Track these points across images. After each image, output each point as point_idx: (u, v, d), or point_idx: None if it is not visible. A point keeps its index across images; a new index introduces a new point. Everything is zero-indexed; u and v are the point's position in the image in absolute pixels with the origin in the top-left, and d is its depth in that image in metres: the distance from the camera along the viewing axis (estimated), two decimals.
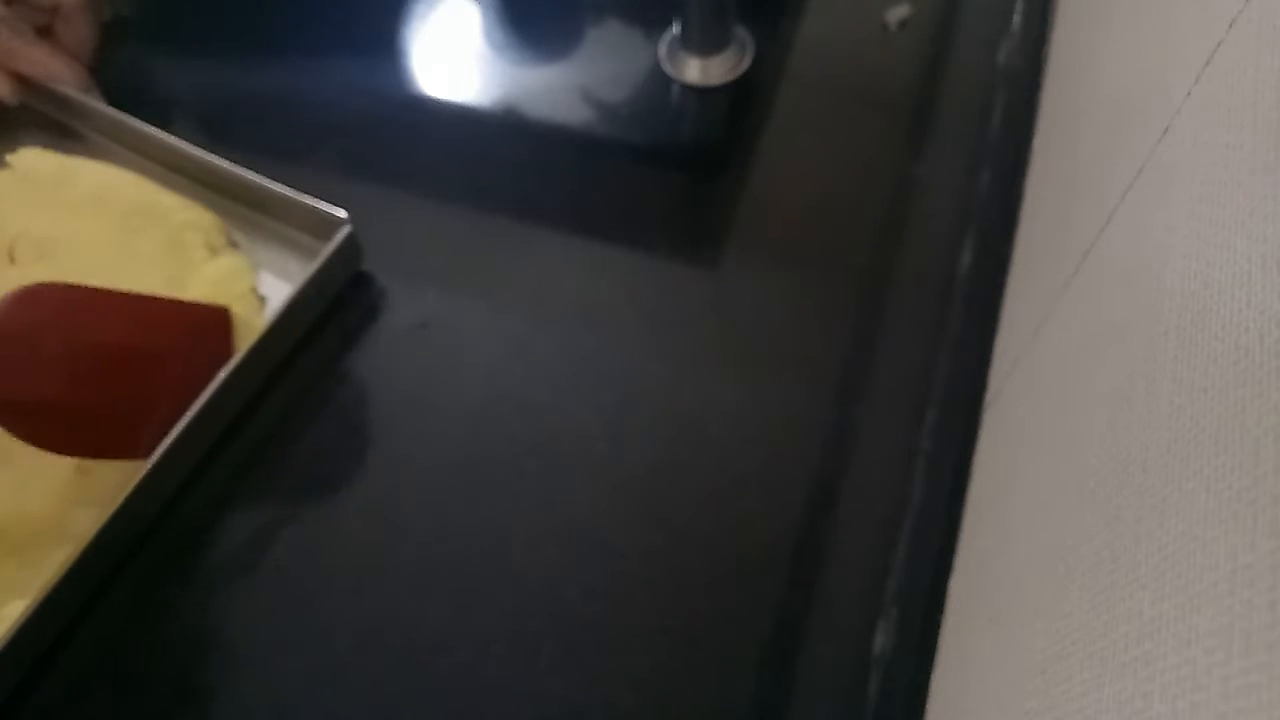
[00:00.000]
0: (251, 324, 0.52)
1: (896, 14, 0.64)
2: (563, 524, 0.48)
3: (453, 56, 0.66)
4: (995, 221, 0.55)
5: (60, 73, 0.57)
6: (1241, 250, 0.24)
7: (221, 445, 0.51)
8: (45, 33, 0.58)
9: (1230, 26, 0.28)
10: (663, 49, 0.64)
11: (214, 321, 0.51)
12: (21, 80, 0.58)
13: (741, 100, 0.62)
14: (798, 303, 0.54)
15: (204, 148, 0.56)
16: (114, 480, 0.47)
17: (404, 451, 0.51)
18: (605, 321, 0.54)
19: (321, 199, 0.54)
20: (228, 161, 0.56)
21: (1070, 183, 0.45)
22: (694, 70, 0.63)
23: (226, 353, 0.50)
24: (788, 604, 0.46)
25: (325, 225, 0.54)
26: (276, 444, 0.51)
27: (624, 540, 0.47)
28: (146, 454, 0.46)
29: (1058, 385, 0.37)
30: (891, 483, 0.48)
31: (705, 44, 0.62)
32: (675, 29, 0.63)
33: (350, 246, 0.54)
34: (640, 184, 0.59)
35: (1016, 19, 0.64)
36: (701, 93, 0.63)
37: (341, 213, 0.53)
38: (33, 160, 0.57)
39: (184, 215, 0.56)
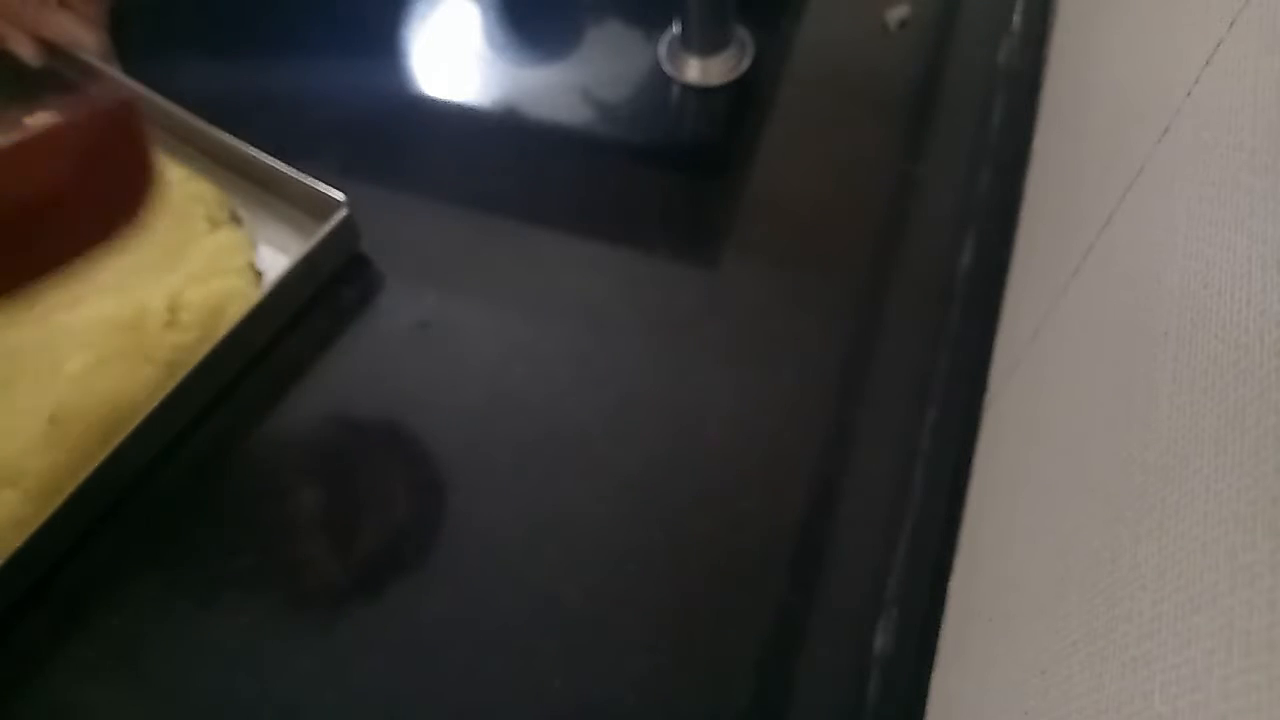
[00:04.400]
0: (248, 297, 0.53)
1: (896, 14, 0.64)
2: (563, 524, 0.48)
3: (453, 56, 0.66)
4: (995, 221, 0.55)
5: (82, 38, 0.60)
6: (1241, 250, 0.24)
7: (206, 415, 0.52)
8: (62, 4, 0.61)
9: (1230, 26, 0.28)
10: (663, 49, 0.64)
11: (110, 126, 0.46)
12: (45, 45, 0.60)
13: (741, 100, 0.62)
14: (798, 303, 0.54)
15: None
16: (81, 428, 0.48)
17: (403, 450, 0.51)
18: (605, 321, 0.54)
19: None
20: (236, 138, 0.57)
21: (1070, 183, 0.45)
22: (694, 70, 0.63)
23: (139, 148, 0.46)
24: (788, 604, 0.46)
25: (324, 206, 0.54)
26: (267, 430, 0.51)
27: (624, 540, 0.47)
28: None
29: (1058, 385, 0.37)
30: (891, 483, 0.48)
31: (705, 44, 0.62)
32: (675, 29, 0.63)
33: (347, 229, 0.55)
34: (640, 184, 0.59)
35: (1016, 19, 0.64)
36: (701, 93, 0.63)
37: (340, 195, 0.54)
38: None
39: (189, 187, 0.57)
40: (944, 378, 0.51)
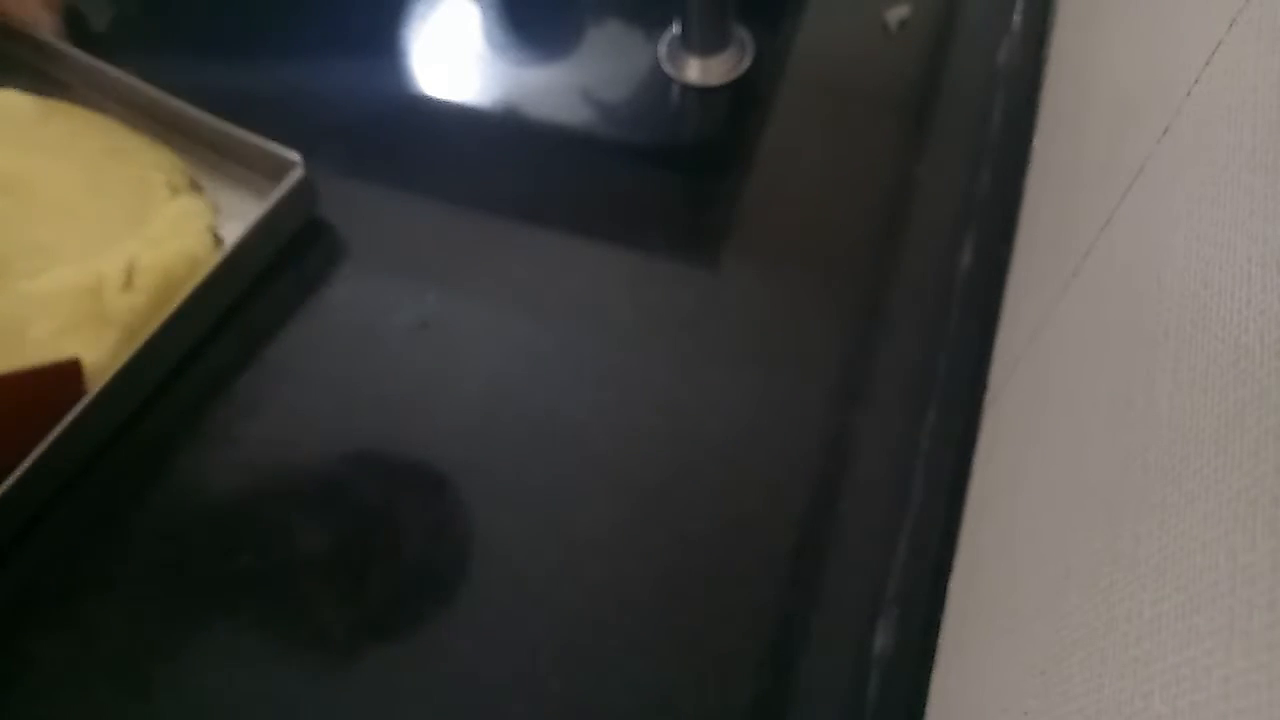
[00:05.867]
0: (206, 261, 0.54)
1: (896, 14, 0.64)
2: (562, 524, 0.48)
3: (453, 56, 0.66)
4: (995, 221, 0.55)
5: (37, 16, 0.62)
6: (1241, 250, 0.24)
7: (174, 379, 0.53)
8: None
9: (1230, 26, 0.28)
10: (663, 49, 0.64)
11: (56, 380, 0.50)
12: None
13: (741, 100, 0.62)
14: (798, 303, 0.54)
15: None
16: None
17: (403, 451, 0.51)
18: (605, 321, 0.54)
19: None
20: (191, 105, 0.57)
21: (1070, 183, 0.45)
22: (694, 70, 0.63)
23: (74, 398, 0.49)
24: (788, 604, 0.46)
25: (281, 167, 0.55)
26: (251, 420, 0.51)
27: (624, 540, 0.47)
28: None
29: (1058, 385, 0.37)
30: (891, 483, 0.48)
31: (705, 44, 0.62)
32: (675, 29, 0.63)
33: (304, 189, 0.55)
34: (640, 184, 0.59)
35: (1016, 19, 0.64)
36: (701, 93, 0.63)
37: (295, 155, 0.54)
38: (11, 101, 0.60)
39: (149, 156, 0.58)
40: (944, 378, 0.51)
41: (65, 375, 0.50)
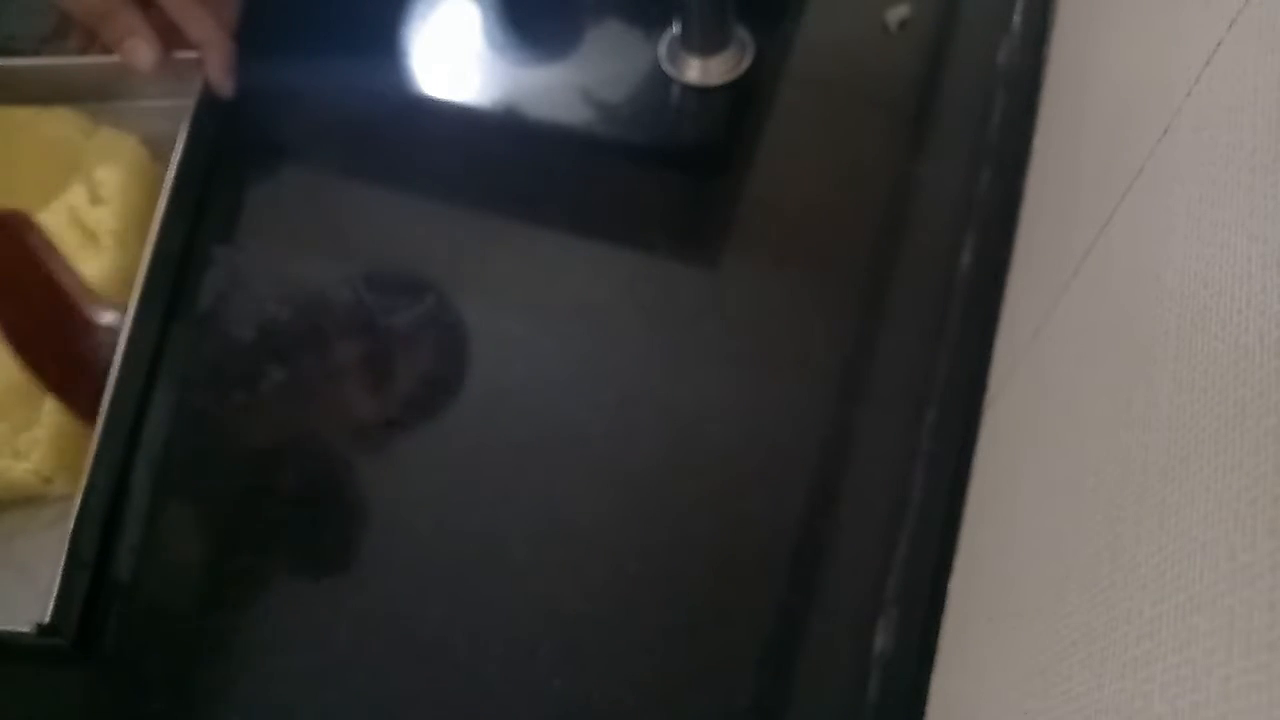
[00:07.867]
0: (151, 172, 0.56)
1: (896, 14, 0.64)
2: (562, 524, 0.48)
3: (453, 56, 0.65)
4: (995, 221, 0.55)
5: (212, 39, 0.57)
6: (1241, 250, 0.24)
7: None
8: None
9: (1230, 26, 0.28)
10: (663, 49, 0.64)
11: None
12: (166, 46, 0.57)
13: (741, 100, 0.62)
14: (798, 303, 0.54)
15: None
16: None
17: (402, 452, 0.51)
18: (605, 321, 0.54)
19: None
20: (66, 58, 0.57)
21: (1070, 183, 0.45)
22: (694, 70, 0.62)
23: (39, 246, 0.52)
24: (788, 604, 0.46)
25: (187, 74, 0.56)
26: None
27: (624, 540, 0.47)
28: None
29: (1058, 385, 0.37)
30: (891, 483, 0.48)
31: (705, 44, 0.62)
32: (675, 29, 0.63)
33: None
34: (640, 184, 0.59)
35: (1016, 19, 0.64)
36: (701, 93, 0.63)
37: (192, 53, 0.55)
38: None
39: (45, 117, 0.58)
40: (944, 378, 0.51)
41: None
